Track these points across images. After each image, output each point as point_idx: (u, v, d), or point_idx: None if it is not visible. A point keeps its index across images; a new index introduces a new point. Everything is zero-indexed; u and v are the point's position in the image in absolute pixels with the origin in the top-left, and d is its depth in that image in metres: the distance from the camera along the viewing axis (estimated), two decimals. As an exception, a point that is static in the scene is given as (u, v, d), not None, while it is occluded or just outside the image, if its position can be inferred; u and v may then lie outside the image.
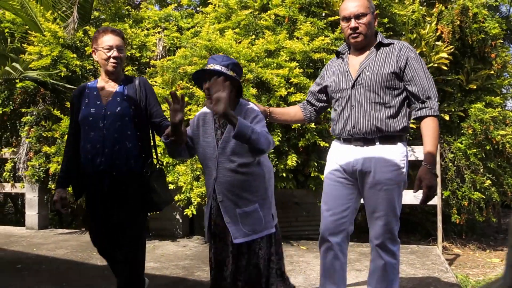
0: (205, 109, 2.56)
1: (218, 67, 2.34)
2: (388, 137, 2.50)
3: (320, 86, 2.83)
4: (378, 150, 2.50)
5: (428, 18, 5.86)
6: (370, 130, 2.50)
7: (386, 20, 5.42)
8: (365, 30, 2.54)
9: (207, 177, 2.51)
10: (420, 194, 2.40)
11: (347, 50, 2.73)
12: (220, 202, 2.40)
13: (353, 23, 2.54)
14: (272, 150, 4.29)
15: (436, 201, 4.96)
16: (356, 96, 2.54)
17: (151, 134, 2.87)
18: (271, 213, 2.44)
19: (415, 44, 5.62)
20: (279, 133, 4.63)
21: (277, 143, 4.53)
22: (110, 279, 3.85)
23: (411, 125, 5.17)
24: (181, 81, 5.06)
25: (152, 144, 2.86)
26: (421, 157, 5.19)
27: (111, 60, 2.70)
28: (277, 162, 4.71)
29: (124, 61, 2.81)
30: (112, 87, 2.77)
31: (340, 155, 2.63)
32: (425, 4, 6.15)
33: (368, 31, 2.55)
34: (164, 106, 4.27)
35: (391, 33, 5.56)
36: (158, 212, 5.10)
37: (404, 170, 2.51)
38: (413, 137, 5.55)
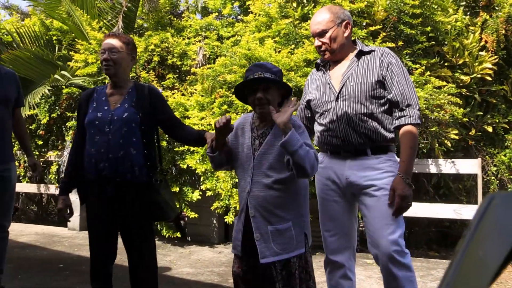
0: (243, 118, 2.49)
1: (268, 75, 2.24)
2: (379, 147, 2.43)
3: (304, 103, 2.73)
4: (371, 160, 2.41)
5: (471, 28, 5.75)
6: (362, 141, 2.41)
7: (429, 28, 5.35)
8: (329, 46, 2.48)
9: (240, 189, 2.40)
10: (460, 208, 2.30)
11: (327, 62, 2.65)
12: (252, 218, 2.27)
13: (316, 41, 2.53)
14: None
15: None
16: (342, 109, 2.44)
17: (156, 144, 2.83)
18: (303, 232, 2.30)
19: (457, 54, 5.53)
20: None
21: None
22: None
23: (452, 136, 5.12)
24: (220, 89, 5.16)
25: (157, 153, 2.81)
26: (462, 170, 5.10)
27: (103, 62, 2.67)
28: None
29: (122, 64, 2.69)
30: (121, 93, 2.73)
31: (331, 170, 2.51)
32: (468, 13, 6.03)
33: (335, 46, 2.48)
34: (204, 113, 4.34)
35: (434, 42, 5.49)
36: (196, 217, 5.21)
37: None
38: (455, 148, 5.45)
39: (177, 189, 5.06)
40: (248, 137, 2.36)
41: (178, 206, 5.08)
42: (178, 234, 5.42)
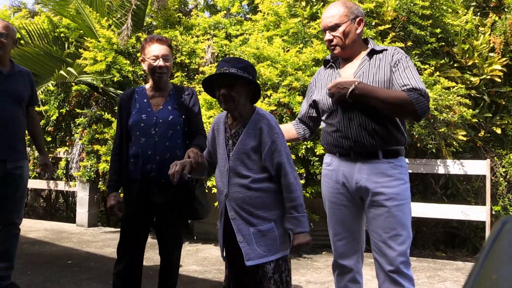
0: (217, 118, 2.39)
1: (233, 70, 2.13)
2: (390, 151, 2.34)
3: (310, 102, 2.63)
4: (382, 165, 2.32)
5: (481, 28, 5.75)
6: (374, 142, 2.30)
7: (438, 30, 5.35)
8: (340, 41, 2.38)
9: (218, 192, 2.31)
10: (468, 209, 2.26)
11: (337, 60, 2.55)
12: (232, 220, 2.19)
13: (327, 35, 2.42)
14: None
15: (484, 216, 4.86)
16: (353, 109, 2.33)
17: None
18: (287, 233, 2.22)
19: (467, 55, 5.53)
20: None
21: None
22: (154, 280, 3.98)
23: (460, 137, 5.12)
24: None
25: None
26: (470, 171, 5.10)
27: (157, 70, 2.73)
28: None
29: (171, 69, 2.85)
30: (163, 95, 2.81)
31: (340, 173, 2.42)
32: (478, 13, 6.02)
33: (346, 42, 2.38)
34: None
35: (443, 43, 5.48)
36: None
37: (409, 184, 2.37)
38: (463, 149, 5.45)
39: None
40: (222, 137, 2.29)
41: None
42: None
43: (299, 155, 4.67)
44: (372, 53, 2.40)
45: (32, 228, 6.40)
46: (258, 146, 2.16)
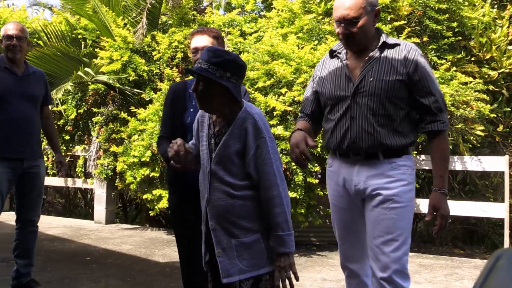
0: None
1: (205, 66, 1.84)
2: (393, 150, 2.16)
3: (314, 94, 2.40)
4: (382, 165, 2.16)
5: (499, 21, 5.64)
6: (373, 145, 2.15)
7: (455, 24, 5.27)
8: (357, 36, 2.15)
9: (201, 195, 2.04)
10: (486, 206, 2.16)
11: (344, 50, 2.29)
12: (212, 230, 1.93)
13: (342, 29, 2.15)
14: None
15: (503, 213, 4.78)
16: (357, 106, 2.16)
17: None
18: None
19: (485, 49, 5.43)
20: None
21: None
22: (171, 277, 4.02)
23: (478, 133, 5.04)
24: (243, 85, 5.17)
25: None
26: (488, 167, 5.01)
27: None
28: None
29: None
30: None
31: (340, 175, 2.27)
32: (496, 6, 5.91)
33: (363, 36, 2.16)
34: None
35: (460, 37, 5.41)
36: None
37: (413, 186, 2.20)
38: (481, 144, 5.37)
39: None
40: (206, 134, 2.02)
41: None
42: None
43: (315, 153, 4.65)
44: (384, 46, 2.19)
45: (51, 225, 6.50)
46: (242, 150, 1.90)
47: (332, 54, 2.34)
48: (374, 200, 2.15)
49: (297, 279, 1.89)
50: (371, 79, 2.14)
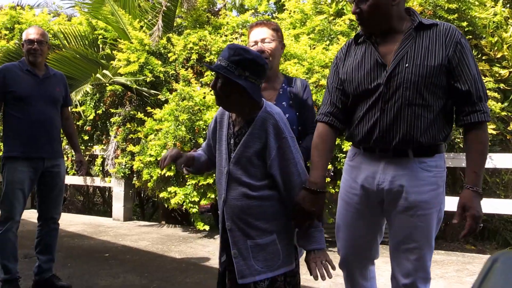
0: (222, 109, 2.04)
1: (224, 63, 1.80)
2: (425, 148, 1.92)
3: (338, 81, 2.11)
4: (412, 165, 1.92)
5: (511, 21, 5.56)
6: (404, 140, 1.89)
7: (465, 23, 5.21)
8: (369, 15, 1.91)
9: (218, 194, 2.01)
10: (497, 203, 1.80)
11: (372, 34, 2.02)
12: (229, 231, 1.90)
13: (354, 7, 1.94)
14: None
15: (515, 210, 4.73)
16: (389, 96, 1.89)
17: None
18: (293, 245, 1.94)
19: (496, 48, 5.36)
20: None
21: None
22: (187, 272, 4.05)
23: (489, 131, 4.97)
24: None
25: None
26: (499, 164, 4.96)
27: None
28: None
29: (276, 54, 2.38)
30: (274, 88, 2.41)
31: (360, 171, 2.04)
32: (508, 5, 5.83)
33: (376, 16, 1.90)
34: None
35: (471, 36, 5.34)
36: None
37: (443, 189, 1.97)
38: (492, 142, 5.31)
39: (211, 181, 5.12)
40: (225, 134, 1.97)
41: (213, 195, 5.14)
42: (207, 227, 5.43)
43: None
44: (419, 28, 1.91)
45: (71, 222, 6.57)
46: (263, 150, 1.85)
47: (358, 39, 2.06)
48: (399, 205, 1.94)
49: (333, 268, 1.87)
50: (407, 64, 1.87)
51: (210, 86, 1.90)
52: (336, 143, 4.59)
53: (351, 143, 2.15)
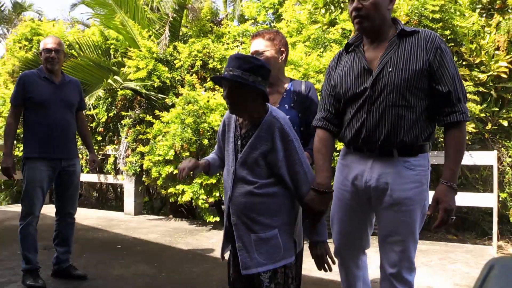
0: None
1: (237, 72, 1.78)
2: (408, 148, 1.91)
3: (331, 87, 2.12)
4: (397, 164, 1.91)
5: (487, 29, 5.57)
6: (388, 139, 1.89)
7: (447, 32, 5.22)
8: (369, 12, 1.87)
9: (224, 191, 2.01)
10: (477, 196, 1.76)
11: (360, 42, 2.03)
12: (234, 225, 1.91)
13: (355, 2, 1.90)
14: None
15: (492, 203, 4.74)
16: (375, 98, 1.90)
17: None
18: (293, 239, 1.94)
19: (475, 54, 5.37)
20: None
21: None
22: (193, 262, 4.06)
23: (470, 129, 4.99)
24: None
25: None
26: (478, 161, 4.96)
27: None
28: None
29: (272, 61, 2.33)
30: (278, 91, 2.40)
31: (351, 170, 2.03)
32: (484, 15, 5.83)
33: (376, 14, 1.88)
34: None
35: (453, 44, 5.34)
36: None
37: (427, 187, 1.94)
38: (472, 141, 5.32)
39: (214, 181, 5.13)
40: (232, 135, 1.97)
41: (218, 193, 5.16)
42: (217, 218, 5.48)
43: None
44: (402, 34, 1.92)
45: (86, 216, 6.57)
46: (269, 153, 1.86)
47: (348, 48, 2.07)
48: (385, 201, 1.93)
49: (333, 262, 1.92)
50: (390, 69, 1.88)
51: (224, 97, 1.87)
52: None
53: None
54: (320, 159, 2.05)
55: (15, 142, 3.70)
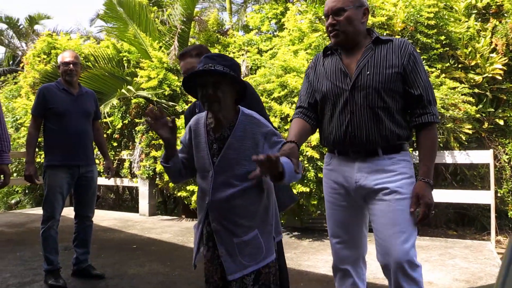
0: (196, 118, 1.90)
1: (219, 68, 1.69)
2: (392, 146, 1.92)
3: (310, 91, 2.12)
4: (382, 161, 1.91)
5: (483, 33, 5.55)
6: (374, 139, 1.90)
7: (443, 37, 5.21)
8: (344, 27, 1.92)
9: (200, 195, 1.87)
10: (475, 193, 1.72)
11: (338, 49, 2.04)
12: (215, 232, 1.78)
13: (330, 19, 1.94)
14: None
15: (490, 199, 4.71)
16: (356, 100, 1.91)
17: None
18: (272, 236, 1.84)
19: (470, 57, 5.35)
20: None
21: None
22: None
23: (466, 130, 4.97)
24: (261, 97, 5.21)
25: None
26: (475, 160, 4.94)
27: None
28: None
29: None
30: None
31: (338, 173, 2.01)
32: (479, 19, 5.81)
33: (349, 28, 1.92)
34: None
35: (448, 48, 5.33)
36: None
37: (414, 179, 1.93)
38: (469, 140, 5.30)
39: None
40: (204, 141, 1.82)
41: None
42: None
43: (308, 155, 4.55)
44: (377, 42, 1.96)
45: (104, 217, 6.63)
46: (251, 149, 1.75)
47: (326, 52, 2.08)
48: (378, 194, 1.89)
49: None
50: (368, 72, 1.90)
51: (203, 96, 1.73)
52: (318, 155, 4.52)
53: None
54: (292, 129, 2.02)
55: (36, 150, 3.75)
